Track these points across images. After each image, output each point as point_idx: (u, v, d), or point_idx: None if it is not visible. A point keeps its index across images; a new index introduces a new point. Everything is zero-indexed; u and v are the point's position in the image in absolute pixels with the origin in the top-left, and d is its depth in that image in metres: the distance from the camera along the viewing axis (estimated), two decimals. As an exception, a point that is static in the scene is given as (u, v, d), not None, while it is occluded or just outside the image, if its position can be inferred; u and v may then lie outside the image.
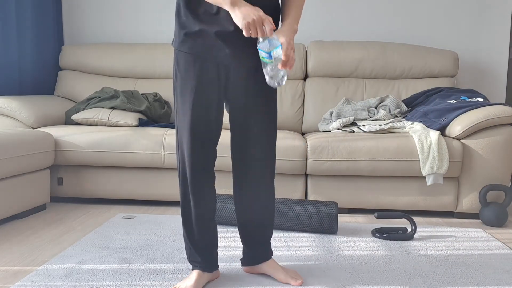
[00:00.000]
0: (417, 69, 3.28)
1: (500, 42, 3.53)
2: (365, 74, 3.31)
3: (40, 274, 1.70)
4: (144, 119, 3.03)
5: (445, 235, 2.28)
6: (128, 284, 1.63)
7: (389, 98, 3.06)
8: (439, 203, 2.61)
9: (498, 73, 3.55)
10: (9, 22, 3.08)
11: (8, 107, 2.83)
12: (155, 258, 1.89)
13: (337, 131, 2.80)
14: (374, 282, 1.68)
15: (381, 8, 3.57)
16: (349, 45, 3.33)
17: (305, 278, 1.70)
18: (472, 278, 1.73)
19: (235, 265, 1.82)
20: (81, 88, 3.40)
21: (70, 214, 2.57)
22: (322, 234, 2.24)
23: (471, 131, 2.52)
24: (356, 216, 2.64)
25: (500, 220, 2.47)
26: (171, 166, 2.68)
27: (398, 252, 2.01)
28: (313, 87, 3.30)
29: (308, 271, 1.77)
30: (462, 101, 2.77)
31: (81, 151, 2.70)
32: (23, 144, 2.43)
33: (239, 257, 1.89)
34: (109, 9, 3.70)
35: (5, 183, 2.32)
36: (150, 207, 2.75)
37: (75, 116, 3.01)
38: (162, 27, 3.68)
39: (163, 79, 3.45)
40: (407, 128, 2.73)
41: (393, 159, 2.53)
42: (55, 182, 2.79)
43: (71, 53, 3.51)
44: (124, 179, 2.76)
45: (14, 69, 3.14)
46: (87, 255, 1.91)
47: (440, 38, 3.53)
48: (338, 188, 2.62)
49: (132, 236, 2.18)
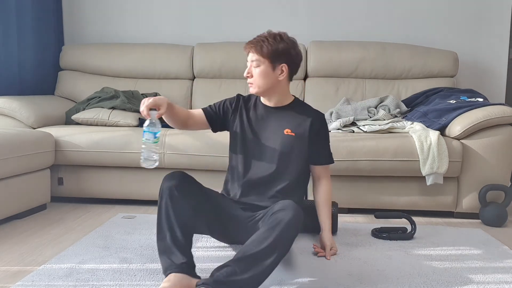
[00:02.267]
0: (417, 69, 3.28)
1: (500, 42, 3.53)
2: (365, 74, 3.31)
3: (40, 274, 1.70)
4: (144, 119, 3.03)
5: (445, 235, 2.28)
6: (128, 284, 1.63)
7: (389, 98, 3.06)
8: (439, 203, 2.61)
9: (498, 73, 3.55)
10: (9, 22, 3.09)
11: (8, 107, 2.83)
12: (155, 258, 1.89)
13: (337, 131, 2.80)
14: (374, 282, 1.68)
15: (381, 8, 3.57)
16: (349, 45, 3.33)
17: (304, 278, 1.70)
18: (472, 278, 1.73)
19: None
20: (81, 88, 3.40)
21: (70, 214, 2.57)
22: (322, 234, 2.24)
23: (471, 131, 2.52)
24: (356, 216, 2.64)
25: (500, 220, 2.48)
26: (171, 166, 2.68)
27: (398, 252, 2.01)
28: (313, 87, 3.30)
29: (308, 271, 1.77)
30: (462, 101, 2.77)
31: (81, 151, 2.70)
32: (23, 144, 2.43)
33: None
34: (109, 9, 3.71)
35: (5, 183, 2.32)
36: (150, 207, 2.75)
37: (75, 116, 3.01)
38: (162, 27, 3.68)
39: (163, 79, 3.46)
40: (407, 128, 2.73)
41: (393, 159, 2.53)
42: (55, 182, 2.79)
43: (71, 53, 3.51)
44: (124, 179, 2.76)
45: (14, 69, 3.14)
46: (87, 255, 1.91)
47: (440, 38, 3.53)
48: (338, 188, 2.62)
49: (132, 236, 2.18)
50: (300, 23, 3.62)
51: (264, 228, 1.53)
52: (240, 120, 1.94)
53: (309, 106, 1.97)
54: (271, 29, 1.87)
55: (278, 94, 1.89)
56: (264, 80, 1.82)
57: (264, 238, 1.49)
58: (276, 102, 1.91)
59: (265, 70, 1.81)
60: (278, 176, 1.86)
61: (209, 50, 3.42)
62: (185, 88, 3.41)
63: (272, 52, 1.78)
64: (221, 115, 1.97)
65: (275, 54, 1.79)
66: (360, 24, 3.58)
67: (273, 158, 1.86)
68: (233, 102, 1.98)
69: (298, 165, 1.89)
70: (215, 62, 3.39)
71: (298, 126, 1.88)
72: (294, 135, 1.87)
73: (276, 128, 1.88)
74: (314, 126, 1.89)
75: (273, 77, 1.83)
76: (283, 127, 1.88)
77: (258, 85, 1.84)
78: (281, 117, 1.90)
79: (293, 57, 1.83)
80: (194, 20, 3.66)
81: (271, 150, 1.86)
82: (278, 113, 1.91)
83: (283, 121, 1.89)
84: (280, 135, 1.87)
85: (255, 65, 1.82)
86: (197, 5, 3.66)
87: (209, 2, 3.65)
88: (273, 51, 1.78)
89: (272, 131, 1.88)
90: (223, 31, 3.64)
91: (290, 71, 1.86)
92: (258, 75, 1.82)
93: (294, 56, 1.84)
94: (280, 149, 1.86)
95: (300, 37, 3.53)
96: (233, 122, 1.95)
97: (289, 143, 1.86)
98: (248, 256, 1.46)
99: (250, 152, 1.89)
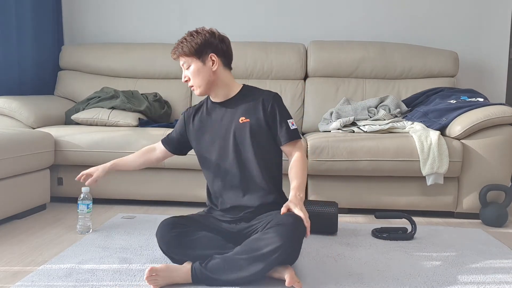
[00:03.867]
0: (417, 69, 3.28)
1: (500, 42, 3.53)
2: (365, 74, 3.31)
3: (40, 274, 1.70)
4: (144, 119, 3.03)
5: (445, 235, 2.28)
6: (128, 284, 1.63)
7: (389, 98, 3.06)
8: (439, 203, 2.61)
9: (498, 73, 3.55)
10: (9, 22, 3.08)
11: (8, 107, 2.82)
12: (155, 258, 1.89)
13: (337, 131, 2.80)
14: (374, 282, 1.68)
15: (381, 8, 3.57)
16: (349, 45, 3.33)
17: (305, 278, 1.70)
18: (472, 278, 1.73)
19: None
20: (81, 88, 3.40)
21: (70, 214, 2.56)
22: (322, 234, 2.24)
23: (471, 131, 2.52)
24: (356, 216, 2.64)
25: (500, 220, 2.47)
26: (171, 166, 2.68)
27: (398, 252, 2.01)
28: (313, 87, 3.30)
29: (308, 271, 1.77)
30: (462, 101, 2.76)
31: (81, 151, 2.69)
32: (23, 144, 2.43)
33: None
34: (109, 9, 3.70)
35: (5, 183, 2.32)
36: (150, 207, 2.75)
37: (75, 116, 3.01)
38: (162, 27, 3.68)
39: (163, 79, 3.45)
40: (407, 128, 2.73)
41: (393, 159, 2.53)
42: (55, 182, 2.79)
43: (71, 53, 3.51)
44: (124, 179, 2.76)
45: (14, 69, 3.14)
46: (87, 255, 1.91)
47: (440, 38, 3.53)
48: (338, 188, 2.62)
49: (132, 236, 2.18)
50: (300, 23, 3.62)
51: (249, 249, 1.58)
52: (194, 129, 1.93)
53: (260, 89, 1.92)
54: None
55: (221, 87, 1.85)
56: (200, 77, 1.81)
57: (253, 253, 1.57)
58: (224, 95, 1.87)
59: (196, 67, 1.80)
60: (249, 165, 1.81)
61: (209, 50, 3.41)
62: (185, 88, 3.41)
63: (193, 48, 1.79)
64: (180, 139, 1.99)
65: (197, 49, 1.79)
66: (360, 24, 3.58)
67: (237, 149, 1.81)
68: (182, 119, 1.99)
69: (265, 150, 1.83)
70: (215, 62, 3.38)
71: (252, 110, 1.83)
72: (249, 120, 1.81)
73: (230, 120, 1.84)
74: (266, 105, 1.82)
75: (207, 71, 1.80)
76: (237, 116, 1.83)
77: (197, 84, 1.82)
78: (233, 108, 1.86)
79: (216, 45, 1.82)
80: (194, 20, 3.66)
81: (233, 143, 1.81)
82: (229, 105, 1.87)
83: (236, 111, 1.84)
84: (236, 125, 1.82)
85: (186, 67, 1.83)
86: (197, 5, 3.66)
87: (209, 2, 3.65)
88: (193, 47, 1.78)
89: (228, 124, 1.84)
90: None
91: (222, 59, 1.84)
92: (192, 74, 1.81)
93: (217, 44, 1.82)
94: (241, 138, 1.81)
95: (300, 37, 3.56)
96: (190, 135, 1.95)
97: (248, 129, 1.80)
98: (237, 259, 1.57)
99: (214, 153, 1.86)
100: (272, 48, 3.36)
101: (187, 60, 1.81)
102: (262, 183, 1.81)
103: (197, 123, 1.93)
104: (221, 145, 1.85)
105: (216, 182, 1.87)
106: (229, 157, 1.83)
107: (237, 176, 1.82)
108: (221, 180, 1.85)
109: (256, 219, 1.78)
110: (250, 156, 1.81)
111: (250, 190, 1.81)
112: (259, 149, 1.81)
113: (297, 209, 1.62)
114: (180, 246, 1.68)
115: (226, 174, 1.84)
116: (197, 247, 1.68)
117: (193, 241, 1.69)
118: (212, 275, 1.59)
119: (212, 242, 1.71)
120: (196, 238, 1.69)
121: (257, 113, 1.83)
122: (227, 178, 1.84)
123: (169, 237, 1.68)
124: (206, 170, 1.92)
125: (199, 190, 2.63)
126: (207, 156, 1.89)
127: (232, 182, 1.83)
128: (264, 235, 1.58)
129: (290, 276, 1.57)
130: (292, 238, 1.57)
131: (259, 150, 1.81)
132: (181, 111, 3.23)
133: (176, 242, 1.68)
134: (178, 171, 2.73)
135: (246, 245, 1.60)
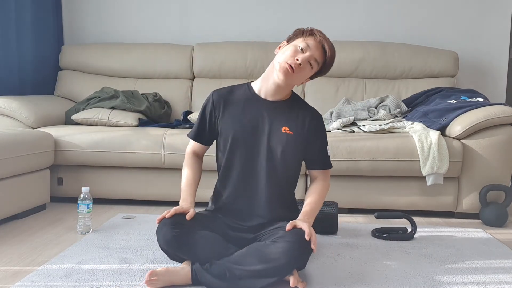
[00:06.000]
0: (417, 69, 3.28)
1: (500, 42, 3.53)
2: (365, 74, 3.31)
3: (40, 274, 1.70)
4: (144, 119, 3.03)
5: (445, 235, 2.28)
6: (128, 284, 1.63)
7: (389, 98, 3.06)
8: (439, 203, 2.61)
9: (498, 73, 3.55)
10: (9, 22, 3.08)
11: (8, 107, 2.82)
12: (155, 258, 1.89)
13: (337, 131, 2.80)
14: (374, 282, 1.68)
15: (381, 8, 3.57)
16: (349, 45, 3.33)
17: (305, 278, 1.70)
18: (472, 278, 1.73)
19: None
20: (81, 88, 3.40)
21: (70, 214, 2.56)
22: (322, 234, 2.24)
23: (471, 131, 2.52)
24: (356, 216, 2.64)
25: (500, 220, 2.47)
26: (171, 166, 2.68)
27: (398, 252, 2.01)
28: (313, 87, 3.30)
29: (308, 271, 1.77)
30: (462, 101, 2.76)
31: (81, 151, 2.69)
32: (23, 144, 2.43)
33: None
34: (109, 9, 3.70)
35: (5, 183, 2.32)
36: (150, 207, 2.75)
37: (75, 116, 3.01)
38: (162, 27, 3.68)
39: (163, 79, 3.45)
40: (407, 128, 2.73)
41: (393, 159, 2.53)
42: (55, 182, 2.79)
43: (71, 53, 3.51)
44: (124, 179, 2.76)
45: (14, 69, 3.14)
46: (87, 255, 1.91)
47: (440, 38, 3.53)
48: (338, 188, 2.62)
49: (132, 236, 2.17)
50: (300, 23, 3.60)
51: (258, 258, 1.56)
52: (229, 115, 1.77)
53: (306, 103, 1.86)
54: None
55: (286, 90, 1.78)
56: (300, 81, 1.74)
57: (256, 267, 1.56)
58: (279, 95, 1.77)
59: (309, 74, 1.73)
60: (276, 176, 1.76)
61: (209, 50, 3.41)
62: (185, 88, 3.41)
63: (327, 67, 1.75)
64: (207, 127, 1.82)
65: (323, 71, 1.75)
66: (360, 24, 3.58)
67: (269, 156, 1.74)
68: (210, 101, 1.80)
69: (292, 164, 1.79)
70: (215, 62, 3.38)
71: (296, 124, 1.75)
72: (292, 133, 1.74)
73: (270, 123, 1.74)
74: (312, 124, 1.77)
75: (307, 75, 1.74)
76: (280, 123, 1.74)
77: (295, 78, 1.70)
78: (278, 112, 1.76)
79: (323, 72, 1.78)
80: (194, 20, 3.66)
81: (267, 149, 1.74)
82: (275, 107, 1.76)
83: (279, 117, 1.75)
84: (276, 132, 1.73)
85: (311, 63, 1.70)
86: (197, 5, 3.66)
87: (209, 2, 3.65)
88: (328, 66, 1.74)
89: (267, 126, 1.74)
90: (223, 31, 3.63)
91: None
92: (303, 72, 1.70)
93: (324, 71, 1.78)
94: (276, 147, 1.73)
95: (300, 37, 3.55)
96: (221, 120, 1.78)
97: (286, 141, 1.73)
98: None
99: (242, 150, 1.75)
100: (272, 48, 3.35)
101: (317, 64, 1.71)
102: (284, 197, 1.81)
103: (230, 108, 1.77)
104: (251, 145, 1.75)
105: (235, 183, 1.78)
106: (258, 161, 1.75)
107: (262, 185, 1.75)
108: (243, 182, 1.77)
109: (263, 228, 1.76)
110: (279, 168, 1.75)
111: (271, 202, 1.77)
112: (288, 162, 1.76)
113: (305, 225, 1.60)
114: (181, 245, 1.68)
115: (251, 178, 1.76)
116: (198, 246, 1.67)
117: (194, 240, 1.69)
118: (212, 278, 1.59)
119: (213, 242, 1.70)
120: (197, 237, 1.69)
121: (300, 128, 1.75)
122: (250, 183, 1.76)
123: (170, 236, 1.68)
124: (228, 165, 1.78)
125: (199, 190, 2.62)
126: (233, 149, 1.76)
127: (254, 189, 1.76)
128: (270, 249, 1.57)
129: (293, 276, 1.57)
130: (299, 257, 1.58)
131: (288, 164, 1.77)
132: (181, 111, 3.24)
133: (176, 241, 1.68)
134: (178, 171, 2.71)
135: (251, 255, 1.58)
